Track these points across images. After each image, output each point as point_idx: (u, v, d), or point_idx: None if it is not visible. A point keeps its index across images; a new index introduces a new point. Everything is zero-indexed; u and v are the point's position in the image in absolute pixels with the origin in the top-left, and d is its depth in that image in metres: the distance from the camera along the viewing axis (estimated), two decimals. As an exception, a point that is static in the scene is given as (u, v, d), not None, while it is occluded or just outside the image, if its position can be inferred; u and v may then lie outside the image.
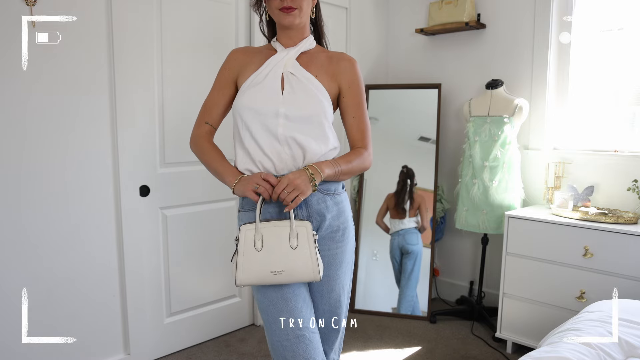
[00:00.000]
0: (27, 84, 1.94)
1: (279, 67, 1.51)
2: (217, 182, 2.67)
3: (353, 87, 1.55)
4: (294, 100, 1.47)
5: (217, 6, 2.55)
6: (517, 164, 2.78)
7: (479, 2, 3.06)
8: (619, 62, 2.64)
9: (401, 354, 2.60)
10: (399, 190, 3.16)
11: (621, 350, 1.47)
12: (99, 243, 2.21)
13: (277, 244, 1.37)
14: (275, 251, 1.37)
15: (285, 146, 1.46)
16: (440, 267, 3.41)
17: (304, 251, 1.37)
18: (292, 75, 1.50)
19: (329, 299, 1.54)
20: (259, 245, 1.38)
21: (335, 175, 1.46)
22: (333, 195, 1.50)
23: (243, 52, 1.62)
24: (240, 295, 2.86)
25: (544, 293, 2.44)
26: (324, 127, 1.48)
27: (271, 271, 1.37)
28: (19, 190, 1.96)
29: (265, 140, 1.48)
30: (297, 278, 1.38)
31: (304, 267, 1.37)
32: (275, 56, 1.53)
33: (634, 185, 2.45)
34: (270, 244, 1.38)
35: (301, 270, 1.38)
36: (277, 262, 1.37)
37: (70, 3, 2.01)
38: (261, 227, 1.38)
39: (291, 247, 1.37)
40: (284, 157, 1.46)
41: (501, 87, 2.86)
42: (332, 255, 1.52)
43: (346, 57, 1.57)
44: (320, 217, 1.48)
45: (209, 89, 1.73)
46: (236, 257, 1.38)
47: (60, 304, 2.11)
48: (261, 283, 1.40)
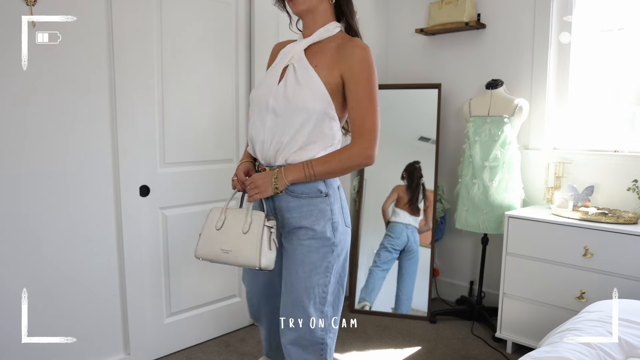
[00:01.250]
0: (27, 84, 1.94)
1: (286, 59, 1.52)
2: (217, 182, 2.69)
3: (354, 74, 1.46)
4: (284, 92, 1.47)
5: (217, 6, 2.55)
6: (517, 164, 2.78)
7: (479, 2, 3.06)
8: (619, 62, 2.64)
9: (401, 354, 2.60)
10: (414, 187, 3.14)
11: (621, 350, 1.47)
12: (99, 243, 2.21)
13: (233, 227, 1.53)
14: (229, 232, 1.53)
15: (269, 139, 1.52)
16: (440, 267, 3.41)
17: (252, 237, 1.48)
18: (292, 67, 1.49)
19: (290, 294, 1.56)
20: (219, 225, 1.55)
21: (306, 178, 1.49)
22: (299, 197, 1.53)
23: (277, 46, 1.67)
24: (240, 295, 2.86)
25: (544, 293, 2.44)
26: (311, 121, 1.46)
27: (221, 249, 1.53)
28: (19, 190, 1.96)
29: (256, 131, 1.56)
30: (241, 260, 1.50)
31: (248, 251, 1.48)
32: (286, 48, 1.55)
33: (634, 185, 2.45)
34: (228, 226, 1.54)
35: (245, 253, 1.49)
36: (227, 242, 1.52)
37: (70, 3, 2.01)
38: (227, 211, 1.57)
39: (242, 232, 1.50)
40: (267, 149, 1.54)
41: (501, 87, 2.86)
42: (293, 249, 1.56)
43: (357, 43, 1.48)
44: (282, 215, 1.57)
45: (209, 89, 1.73)
46: (200, 232, 1.58)
47: (60, 304, 2.11)
48: (213, 259, 1.55)
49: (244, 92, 2.73)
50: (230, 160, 2.73)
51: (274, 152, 1.52)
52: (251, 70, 2.74)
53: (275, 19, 2.81)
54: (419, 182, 3.15)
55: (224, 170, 2.69)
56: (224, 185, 2.70)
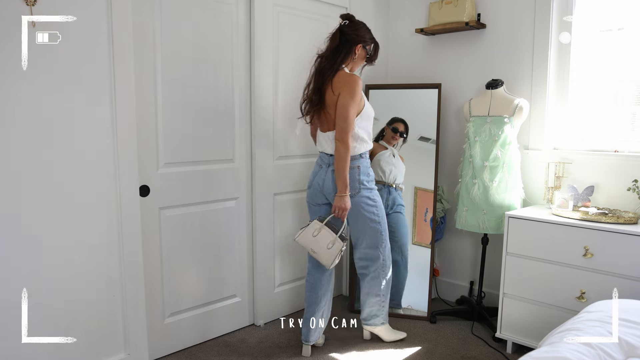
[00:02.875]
0: (27, 84, 1.94)
1: None
2: (216, 182, 2.69)
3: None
4: None
5: (217, 6, 2.55)
6: (517, 164, 2.78)
7: (479, 2, 3.06)
8: (619, 62, 2.64)
9: (401, 354, 2.60)
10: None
11: (621, 350, 1.47)
12: (99, 243, 2.21)
13: (323, 241, 2.38)
14: (319, 242, 2.37)
15: None
16: (440, 267, 3.41)
17: (331, 253, 2.37)
18: None
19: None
20: (315, 234, 2.37)
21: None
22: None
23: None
24: (240, 295, 2.87)
25: (544, 293, 2.44)
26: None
27: (311, 248, 2.39)
28: (18, 190, 1.96)
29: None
30: (320, 260, 2.40)
31: (325, 259, 2.37)
32: None
33: (634, 185, 2.45)
34: (320, 238, 2.37)
35: (323, 259, 2.38)
36: (316, 247, 2.38)
37: (70, 3, 2.01)
38: (323, 228, 2.38)
39: (327, 248, 2.37)
40: None
41: (501, 87, 2.86)
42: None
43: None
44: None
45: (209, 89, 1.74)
46: (302, 231, 2.41)
47: (60, 304, 2.11)
48: (304, 247, 2.43)
49: (243, 92, 2.73)
50: (230, 160, 2.73)
51: None
52: (251, 70, 2.74)
53: (275, 19, 2.81)
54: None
55: (224, 170, 2.69)
56: (224, 185, 2.70)
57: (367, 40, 2.45)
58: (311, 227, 2.39)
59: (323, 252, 2.35)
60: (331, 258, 2.34)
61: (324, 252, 2.35)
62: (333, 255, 2.34)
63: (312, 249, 2.37)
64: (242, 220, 2.82)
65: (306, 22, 2.98)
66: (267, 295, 2.95)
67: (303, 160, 3.07)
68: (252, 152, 2.80)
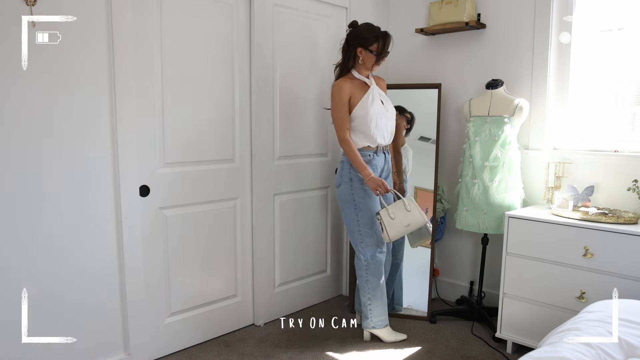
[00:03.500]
0: (27, 84, 1.94)
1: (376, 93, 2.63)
2: (216, 182, 2.70)
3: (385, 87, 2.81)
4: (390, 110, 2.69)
5: (217, 6, 2.55)
6: (517, 164, 2.78)
7: (479, 2, 3.06)
8: (619, 62, 2.64)
9: (401, 354, 2.60)
10: None
11: (621, 350, 1.47)
12: (99, 243, 2.21)
13: (398, 213, 2.53)
14: (399, 216, 2.52)
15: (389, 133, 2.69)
16: (440, 267, 3.41)
17: (414, 211, 2.53)
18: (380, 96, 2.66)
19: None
20: (393, 217, 2.52)
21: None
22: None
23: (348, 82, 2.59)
24: (240, 295, 2.87)
25: (544, 293, 2.44)
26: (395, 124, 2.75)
27: (403, 225, 2.52)
28: (18, 190, 1.96)
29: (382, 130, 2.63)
30: (416, 225, 2.54)
31: (418, 218, 2.53)
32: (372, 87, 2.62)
33: (634, 185, 2.45)
34: (395, 214, 2.53)
35: (417, 220, 2.53)
36: (404, 220, 2.52)
37: (70, 3, 2.01)
38: (388, 209, 2.54)
39: (407, 210, 2.53)
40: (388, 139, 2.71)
41: (501, 87, 2.86)
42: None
43: (383, 79, 2.82)
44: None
45: (209, 89, 1.75)
46: (384, 226, 2.53)
47: (60, 304, 2.11)
48: (401, 235, 2.57)
49: (243, 92, 2.73)
50: (230, 160, 2.73)
51: (389, 140, 2.68)
52: (251, 70, 2.74)
53: (274, 19, 2.81)
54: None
55: (224, 170, 2.69)
56: (224, 184, 2.70)
57: (368, 40, 2.54)
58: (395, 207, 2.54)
59: (416, 219, 2.53)
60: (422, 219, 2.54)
61: (417, 218, 2.53)
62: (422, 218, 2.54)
63: (409, 223, 2.53)
64: (242, 220, 2.81)
65: (306, 22, 2.98)
66: (267, 295, 2.95)
67: (303, 160, 3.07)
68: (252, 152, 2.80)
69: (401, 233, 2.54)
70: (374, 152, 2.63)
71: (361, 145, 2.61)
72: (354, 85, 2.59)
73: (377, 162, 2.65)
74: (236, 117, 2.71)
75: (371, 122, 2.57)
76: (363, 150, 2.62)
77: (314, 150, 3.11)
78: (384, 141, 2.65)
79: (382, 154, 2.67)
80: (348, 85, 2.57)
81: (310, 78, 3.04)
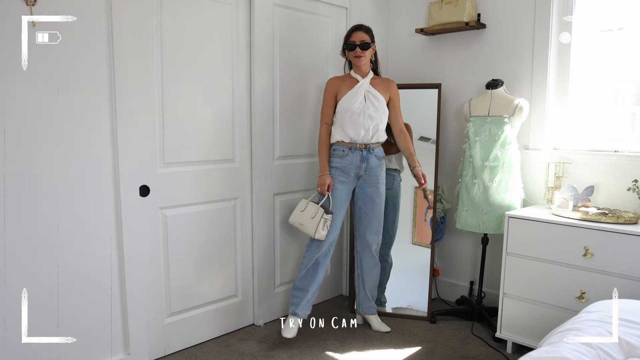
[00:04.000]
0: (27, 84, 1.94)
1: (362, 89, 2.68)
2: (216, 182, 2.70)
3: (395, 95, 2.80)
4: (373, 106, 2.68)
5: (217, 6, 2.55)
6: (517, 164, 2.78)
7: (479, 2, 3.06)
8: (619, 62, 2.64)
9: (401, 354, 2.60)
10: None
11: (621, 350, 1.47)
12: (99, 243, 2.21)
13: (308, 213, 2.65)
14: (305, 215, 2.65)
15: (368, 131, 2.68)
16: (440, 267, 3.41)
17: (314, 221, 2.61)
18: (369, 93, 2.69)
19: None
20: (303, 209, 2.67)
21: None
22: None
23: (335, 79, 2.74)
24: (240, 295, 2.87)
25: (544, 293, 2.44)
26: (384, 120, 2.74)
27: (300, 222, 2.66)
28: (18, 190, 1.96)
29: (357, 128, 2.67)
30: (306, 231, 2.65)
31: (310, 228, 2.62)
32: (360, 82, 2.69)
33: (634, 185, 2.45)
34: (306, 212, 2.65)
35: (308, 229, 2.63)
36: (302, 220, 2.65)
37: (70, 3, 2.01)
38: (309, 203, 2.67)
39: (311, 217, 2.63)
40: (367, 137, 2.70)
41: (501, 87, 2.86)
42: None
43: (391, 80, 2.84)
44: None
45: (209, 89, 1.75)
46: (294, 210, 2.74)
47: (60, 304, 2.11)
48: (295, 226, 2.71)
49: (243, 92, 2.73)
50: (230, 160, 2.73)
51: (370, 138, 2.67)
52: (251, 70, 2.74)
53: (274, 19, 2.81)
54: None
55: (224, 170, 2.69)
56: (224, 184, 2.70)
57: (345, 39, 2.71)
58: (312, 207, 2.66)
59: (307, 229, 2.64)
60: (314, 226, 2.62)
61: (308, 229, 2.64)
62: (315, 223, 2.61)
63: (300, 222, 2.66)
64: (242, 220, 2.81)
65: (306, 22, 2.98)
66: (267, 295, 2.95)
67: (303, 160, 3.07)
68: (252, 152, 2.80)
69: (296, 225, 2.69)
70: (347, 148, 2.67)
71: (336, 139, 2.68)
72: (343, 82, 2.70)
73: (352, 159, 2.67)
74: (236, 117, 2.71)
75: (345, 116, 2.64)
76: (337, 145, 2.70)
77: (314, 150, 3.11)
78: (358, 138, 2.66)
79: (358, 151, 2.67)
80: (335, 82, 2.71)
81: (310, 78, 3.04)
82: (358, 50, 2.62)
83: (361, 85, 2.67)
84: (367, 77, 2.70)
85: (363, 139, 2.66)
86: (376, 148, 2.72)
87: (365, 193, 2.75)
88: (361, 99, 2.65)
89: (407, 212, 3.18)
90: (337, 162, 2.69)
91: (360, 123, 2.63)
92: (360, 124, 2.63)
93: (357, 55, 2.63)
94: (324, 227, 2.60)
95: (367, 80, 2.69)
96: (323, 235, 2.61)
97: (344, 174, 2.69)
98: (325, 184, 2.65)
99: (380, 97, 2.69)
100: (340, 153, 2.68)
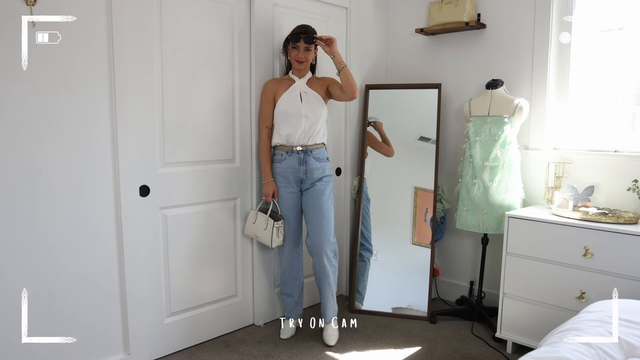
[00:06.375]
0: (27, 84, 1.94)
1: (297, 89, 2.64)
2: (216, 182, 2.70)
3: (331, 81, 2.71)
4: (309, 106, 2.62)
5: (217, 6, 2.55)
6: (517, 164, 2.78)
7: (479, 2, 3.06)
8: (619, 62, 2.64)
9: (401, 354, 2.60)
10: None
11: (621, 350, 1.47)
12: (98, 243, 2.21)
13: (259, 224, 2.66)
14: (258, 227, 2.66)
15: (304, 132, 2.61)
16: (440, 267, 3.41)
17: (268, 232, 2.62)
18: (305, 93, 2.64)
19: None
20: (253, 221, 2.70)
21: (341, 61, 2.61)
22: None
23: (273, 81, 2.71)
24: (240, 295, 2.87)
25: (544, 293, 2.44)
26: (322, 119, 2.67)
27: (255, 234, 2.69)
28: (18, 190, 1.96)
29: (294, 129, 2.61)
30: (263, 242, 2.68)
31: (266, 239, 2.64)
32: (295, 83, 2.66)
33: (634, 185, 2.45)
34: (257, 223, 2.68)
35: (264, 240, 2.65)
36: (257, 232, 2.67)
37: (70, 3, 2.01)
38: (258, 214, 2.69)
39: (263, 229, 2.65)
40: (304, 139, 2.63)
41: (501, 87, 2.86)
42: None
43: (327, 77, 2.78)
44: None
45: (209, 89, 1.75)
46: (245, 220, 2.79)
47: (60, 304, 2.11)
48: (252, 237, 2.78)
49: (243, 92, 2.73)
50: (230, 160, 2.73)
51: (307, 140, 2.61)
52: (251, 70, 2.74)
53: (274, 19, 2.81)
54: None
55: (224, 170, 2.69)
56: (224, 184, 2.70)
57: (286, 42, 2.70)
58: (261, 218, 2.67)
59: (263, 240, 2.66)
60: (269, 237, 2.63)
61: (263, 239, 2.66)
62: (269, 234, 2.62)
63: (255, 235, 2.68)
64: (242, 220, 2.81)
65: (306, 22, 2.98)
66: (267, 295, 2.95)
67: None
68: (252, 152, 2.80)
69: (252, 237, 2.73)
70: (285, 152, 2.63)
71: (274, 142, 2.66)
72: (280, 84, 2.66)
73: (289, 163, 2.62)
74: (236, 117, 2.71)
75: (280, 117, 2.61)
76: (275, 149, 2.68)
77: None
78: (295, 139, 2.60)
79: (295, 154, 2.61)
80: (272, 83, 2.67)
81: (310, 78, 3.04)
82: (301, 54, 2.58)
83: (297, 85, 2.63)
84: (304, 78, 2.66)
85: (300, 140, 2.59)
86: (315, 150, 2.63)
87: (308, 196, 2.66)
88: (297, 99, 2.60)
89: (407, 212, 3.18)
90: (276, 167, 2.67)
91: (297, 125, 2.58)
92: (297, 125, 2.58)
93: (300, 60, 2.59)
94: (278, 234, 2.61)
95: (304, 81, 2.65)
96: (280, 241, 2.63)
97: (283, 179, 2.65)
98: (269, 193, 2.65)
99: (317, 95, 2.63)
100: (279, 157, 2.65)
